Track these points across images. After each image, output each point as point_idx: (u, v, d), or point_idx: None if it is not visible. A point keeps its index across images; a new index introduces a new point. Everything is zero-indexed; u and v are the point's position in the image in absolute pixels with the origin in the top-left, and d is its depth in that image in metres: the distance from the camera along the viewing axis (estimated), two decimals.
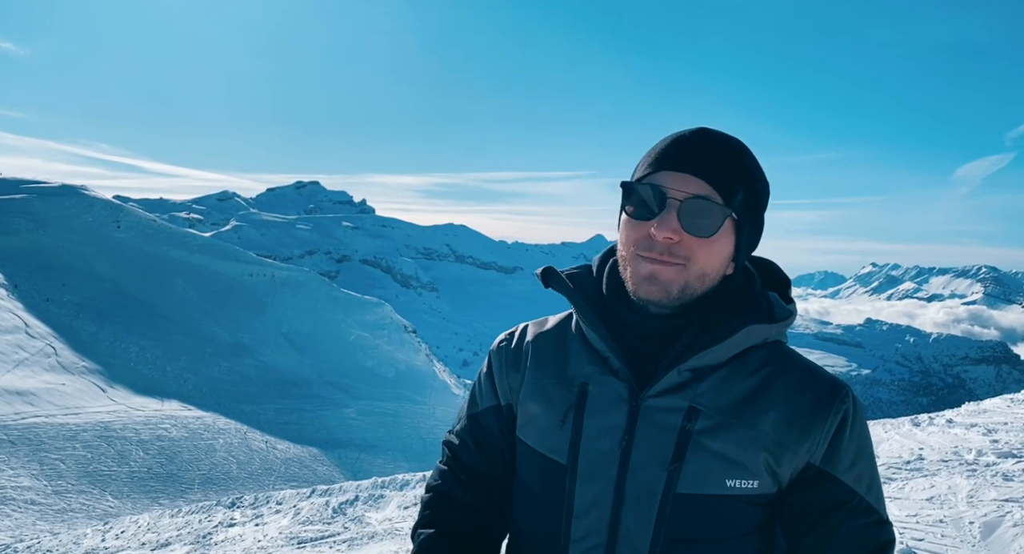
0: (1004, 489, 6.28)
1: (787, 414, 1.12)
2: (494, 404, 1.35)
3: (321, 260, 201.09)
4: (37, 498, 21.10)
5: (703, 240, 1.11)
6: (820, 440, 1.12)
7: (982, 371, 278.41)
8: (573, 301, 1.23)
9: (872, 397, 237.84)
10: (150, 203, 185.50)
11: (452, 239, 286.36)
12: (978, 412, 10.35)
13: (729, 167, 1.13)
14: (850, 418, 1.14)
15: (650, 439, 1.13)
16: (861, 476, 1.14)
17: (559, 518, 1.18)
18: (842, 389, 1.16)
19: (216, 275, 58.85)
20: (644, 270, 1.13)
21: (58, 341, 37.37)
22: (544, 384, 1.25)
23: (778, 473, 1.12)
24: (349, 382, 48.87)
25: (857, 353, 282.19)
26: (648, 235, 1.11)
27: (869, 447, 1.17)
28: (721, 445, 1.11)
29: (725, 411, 1.12)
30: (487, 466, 1.35)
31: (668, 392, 1.14)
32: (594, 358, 1.21)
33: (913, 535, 5.33)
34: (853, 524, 1.12)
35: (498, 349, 1.37)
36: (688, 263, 1.11)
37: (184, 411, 33.69)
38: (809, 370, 1.18)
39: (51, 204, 56.07)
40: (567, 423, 1.19)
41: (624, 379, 1.17)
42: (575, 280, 1.27)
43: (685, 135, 1.16)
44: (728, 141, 1.17)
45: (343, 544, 7.79)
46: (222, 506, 11.36)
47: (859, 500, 1.13)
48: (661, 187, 1.11)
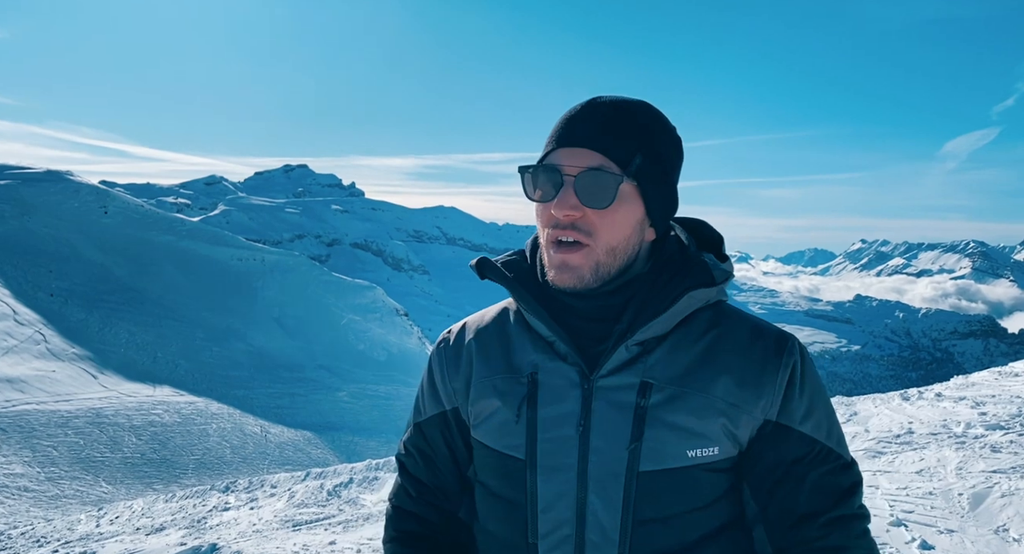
0: (992, 461, 6.35)
1: (738, 375, 1.12)
2: (438, 412, 1.31)
3: (311, 244, 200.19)
4: (30, 485, 21.09)
5: (603, 211, 1.09)
6: (774, 396, 1.12)
7: (970, 345, 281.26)
8: (511, 289, 1.20)
9: (862, 372, 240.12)
10: (137, 188, 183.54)
11: (443, 221, 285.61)
12: (966, 385, 10.45)
13: (620, 133, 1.11)
14: (799, 369, 1.14)
15: (607, 421, 1.11)
16: (819, 423, 1.14)
17: (524, 515, 1.16)
18: (787, 341, 1.16)
19: (205, 260, 58.56)
20: (555, 260, 1.12)
21: (47, 328, 37.19)
22: (493, 381, 1.21)
23: (737, 435, 1.12)
24: (341, 365, 48.93)
25: (847, 329, 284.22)
26: (551, 215, 1.11)
27: (822, 393, 1.17)
28: (678, 416, 1.10)
29: (677, 381, 1.11)
30: (434, 477, 1.33)
31: (619, 370, 1.12)
32: (540, 345, 1.19)
33: (903, 507, 5.39)
34: (818, 472, 1.12)
35: (438, 352, 1.33)
36: (593, 240, 1.10)
37: (176, 396, 33.67)
38: (753, 326, 1.18)
39: (36, 190, 55.51)
40: (522, 417, 1.16)
41: (573, 363, 1.14)
42: (511, 267, 1.24)
43: (575, 109, 1.14)
44: (619, 106, 1.14)
45: (338, 526, 7.82)
46: (216, 490, 11.38)
47: (820, 447, 1.13)
48: (555, 165, 1.11)
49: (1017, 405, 8.37)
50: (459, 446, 1.31)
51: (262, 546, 6.80)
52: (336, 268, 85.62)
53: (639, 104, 1.16)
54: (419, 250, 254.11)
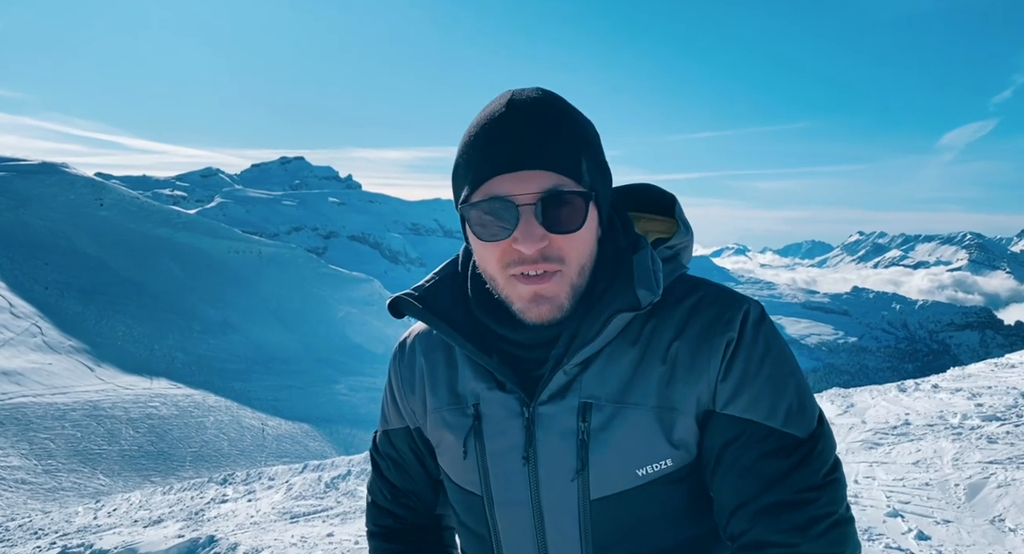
0: (988, 452, 6.36)
1: (671, 370, 1.03)
2: (403, 427, 1.27)
3: (308, 236, 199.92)
4: (28, 477, 21.09)
5: (572, 234, 0.99)
6: (707, 384, 1.03)
7: (967, 337, 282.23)
8: (432, 325, 1.12)
9: (859, 364, 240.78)
10: (133, 180, 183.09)
11: (440, 214, 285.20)
12: (963, 377, 10.47)
13: (561, 139, 0.99)
14: (733, 344, 1.03)
15: (551, 451, 1.05)
16: (755, 400, 1.01)
17: (491, 548, 1.14)
18: (726, 313, 1.04)
19: (202, 252, 58.48)
20: (526, 293, 1.01)
21: (43, 321, 37.13)
22: (442, 415, 1.16)
23: (685, 440, 1.04)
24: (339, 358, 48.96)
25: (844, 321, 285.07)
26: (512, 250, 0.99)
27: (766, 366, 1.02)
28: (619, 436, 1.03)
29: (615, 397, 1.04)
30: (406, 483, 1.31)
31: (557, 395, 1.05)
32: (480, 371, 1.12)
33: (900, 498, 5.40)
34: (750, 455, 1.00)
35: (394, 365, 1.27)
36: (564, 265, 1.00)
37: (173, 389, 33.66)
38: (692, 305, 1.07)
39: (31, 182, 55.32)
40: (469, 452, 1.12)
41: (511, 391, 1.08)
42: (432, 294, 1.15)
43: (495, 121, 0.99)
44: (543, 105, 1.01)
45: (336, 518, 7.83)
46: (214, 483, 11.38)
47: (755, 428, 1.00)
48: (503, 197, 0.97)
49: (1013, 396, 8.39)
50: (427, 458, 1.27)
51: (260, 538, 6.81)
52: (333, 261, 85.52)
53: (552, 96, 1.03)
54: (416, 243, 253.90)
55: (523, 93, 1.02)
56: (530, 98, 1.01)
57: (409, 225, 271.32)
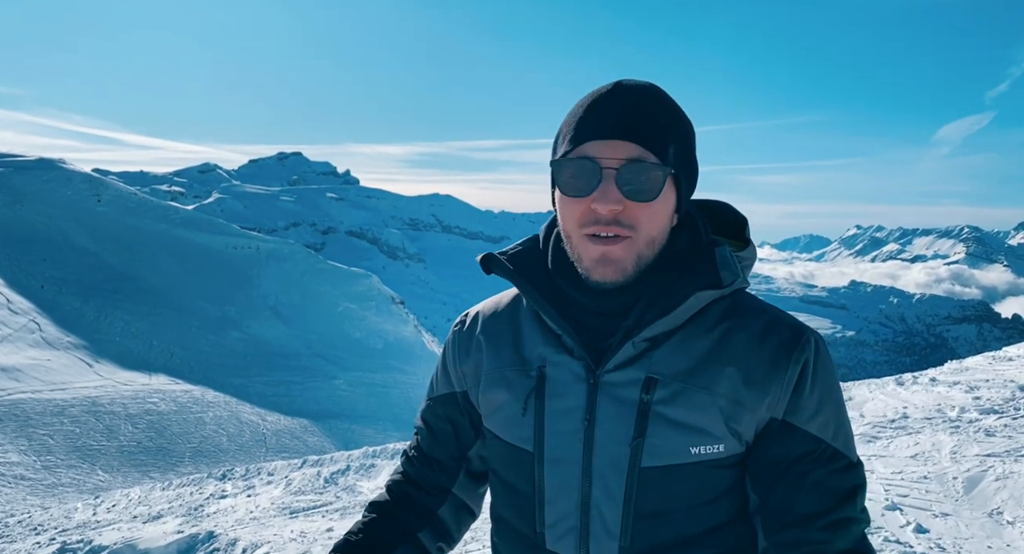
0: (986, 445, 6.39)
1: (745, 371, 1.10)
2: (448, 392, 1.36)
3: (306, 232, 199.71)
4: (27, 473, 21.09)
5: (647, 204, 1.07)
6: (781, 395, 1.10)
7: (964, 330, 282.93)
8: (517, 284, 1.20)
9: (857, 358, 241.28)
10: (130, 176, 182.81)
11: (438, 209, 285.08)
12: (960, 370, 10.50)
13: (655, 121, 1.08)
14: (811, 366, 1.11)
15: (611, 416, 1.11)
16: (827, 423, 1.11)
17: (532, 505, 1.19)
18: (802, 336, 1.12)
19: (200, 248, 58.38)
20: (595, 253, 1.09)
21: (41, 317, 37.09)
22: (504, 373, 1.22)
23: (742, 433, 1.11)
24: (338, 354, 48.94)
25: (842, 315, 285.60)
26: (590, 210, 1.07)
27: (833, 391, 1.13)
28: (680, 413, 1.09)
29: (682, 377, 1.10)
30: (436, 450, 1.38)
31: (624, 365, 1.11)
32: (549, 337, 1.19)
33: (898, 491, 5.42)
34: (820, 471, 1.09)
35: (453, 336, 1.36)
36: (635, 233, 1.08)
37: (172, 385, 33.64)
38: (768, 320, 1.15)
39: (28, 178, 55.18)
40: (529, 410, 1.17)
41: (579, 357, 1.14)
42: (518, 260, 1.23)
43: (602, 97, 1.10)
44: (647, 92, 1.11)
45: (335, 513, 7.84)
46: (213, 478, 11.39)
47: (825, 447, 1.10)
48: (592, 158, 1.06)
49: (1011, 389, 8.41)
50: (464, 426, 1.35)
51: (259, 533, 6.82)
52: (331, 256, 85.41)
53: (661, 90, 1.14)
54: (415, 238, 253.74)
55: (631, 80, 1.13)
56: (637, 84, 1.12)
57: (407, 220, 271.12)
